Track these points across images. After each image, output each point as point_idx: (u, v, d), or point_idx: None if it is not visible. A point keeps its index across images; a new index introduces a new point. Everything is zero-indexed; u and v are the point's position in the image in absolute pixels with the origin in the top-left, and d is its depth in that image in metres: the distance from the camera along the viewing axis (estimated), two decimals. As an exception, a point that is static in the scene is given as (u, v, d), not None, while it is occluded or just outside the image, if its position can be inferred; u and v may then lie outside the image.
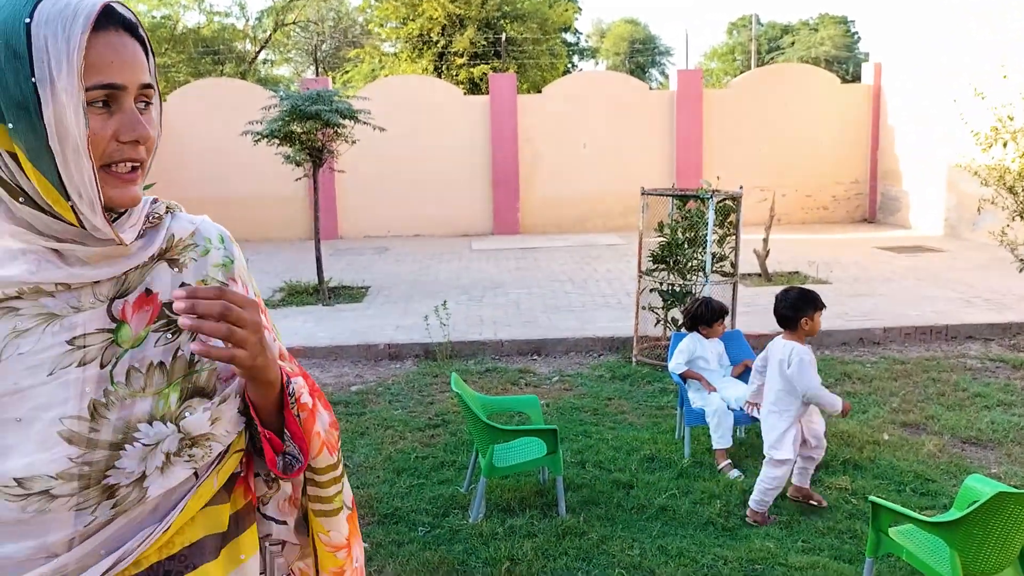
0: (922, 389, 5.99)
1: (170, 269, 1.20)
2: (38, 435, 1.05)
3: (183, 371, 1.16)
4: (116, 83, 1.06)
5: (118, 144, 1.08)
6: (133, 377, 1.12)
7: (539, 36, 24.35)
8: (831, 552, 3.74)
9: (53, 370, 1.07)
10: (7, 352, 1.06)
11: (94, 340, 1.11)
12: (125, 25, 1.08)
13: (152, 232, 1.19)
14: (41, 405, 1.06)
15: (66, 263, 1.09)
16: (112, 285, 1.13)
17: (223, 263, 1.27)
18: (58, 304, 1.09)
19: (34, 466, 1.04)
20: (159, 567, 1.14)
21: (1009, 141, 7.39)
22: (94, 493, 1.08)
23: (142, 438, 1.11)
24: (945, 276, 9.87)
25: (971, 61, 12.27)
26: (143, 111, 1.10)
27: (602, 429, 5.32)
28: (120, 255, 1.13)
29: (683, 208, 6.80)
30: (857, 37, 43.30)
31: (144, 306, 1.16)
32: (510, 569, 3.62)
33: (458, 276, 10.88)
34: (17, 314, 1.07)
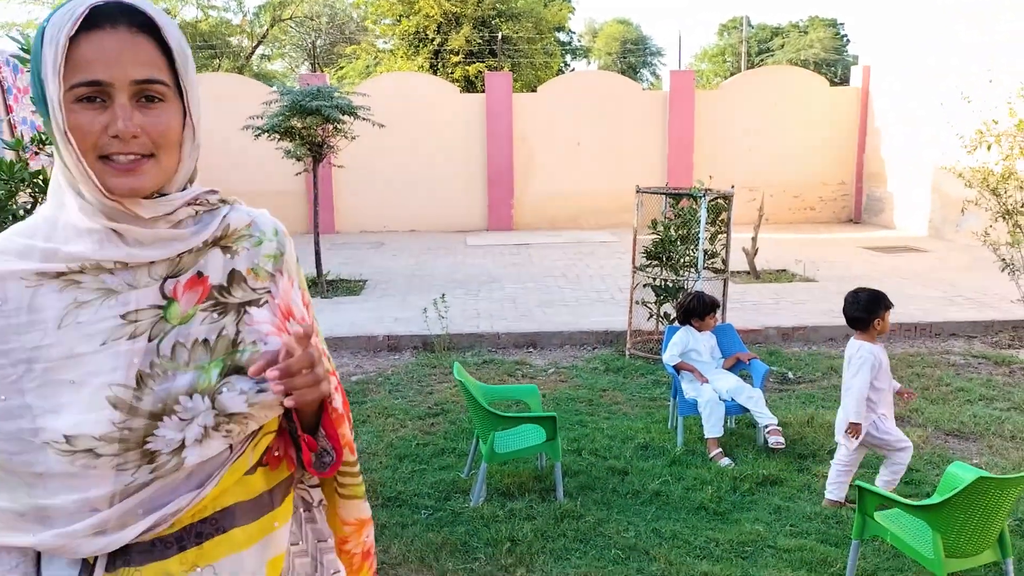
0: (906, 383, 6.17)
1: (223, 255, 1.29)
2: (87, 398, 1.16)
3: (226, 349, 1.25)
4: (98, 80, 1.12)
5: (110, 138, 1.14)
6: (178, 352, 1.21)
7: (534, 35, 24.50)
8: (818, 536, 3.91)
9: (106, 340, 1.18)
10: (67, 320, 1.17)
11: (145, 316, 1.20)
12: (140, 24, 1.15)
13: (207, 219, 1.28)
14: (92, 371, 1.17)
15: (125, 243, 1.19)
16: (166, 266, 1.23)
17: (274, 255, 1.35)
18: (116, 281, 1.20)
19: (81, 426, 1.15)
20: (191, 528, 1.24)
21: (993, 144, 7.59)
22: (134, 456, 1.18)
23: (180, 411, 1.20)
24: (929, 276, 10.08)
25: (959, 63, 12.49)
26: (146, 106, 1.16)
27: (597, 419, 5.48)
28: (171, 238, 1.22)
29: (676, 206, 6.97)
30: (846, 40, 43.64)
31: (194, 287, 1.25)
32: (511, 549, 3.77)
33: (454, 271, 11.03)
34: (79, 287, 1.18)
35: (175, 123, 1.20)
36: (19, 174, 3.06)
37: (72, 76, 1.12)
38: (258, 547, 1.31)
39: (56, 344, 1.17)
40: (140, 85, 1.15)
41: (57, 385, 1.17)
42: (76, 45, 1.12)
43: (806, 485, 4.44)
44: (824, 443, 4.96)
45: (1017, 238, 7.37)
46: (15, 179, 3.05)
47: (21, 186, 3.13)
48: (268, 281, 1.33)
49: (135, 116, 1.15)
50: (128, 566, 1.21)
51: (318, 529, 1.46)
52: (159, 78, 1.17)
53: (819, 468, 4.62)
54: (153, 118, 1.17)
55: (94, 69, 1.12)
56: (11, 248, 1.20)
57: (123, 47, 1.14)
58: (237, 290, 1.29)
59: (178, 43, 1.19)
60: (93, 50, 1.12)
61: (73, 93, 1.13)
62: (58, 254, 1.18)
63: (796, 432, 5.14)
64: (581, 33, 50.39)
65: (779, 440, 4.76)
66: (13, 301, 1.18)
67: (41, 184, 3.23)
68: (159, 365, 1.20)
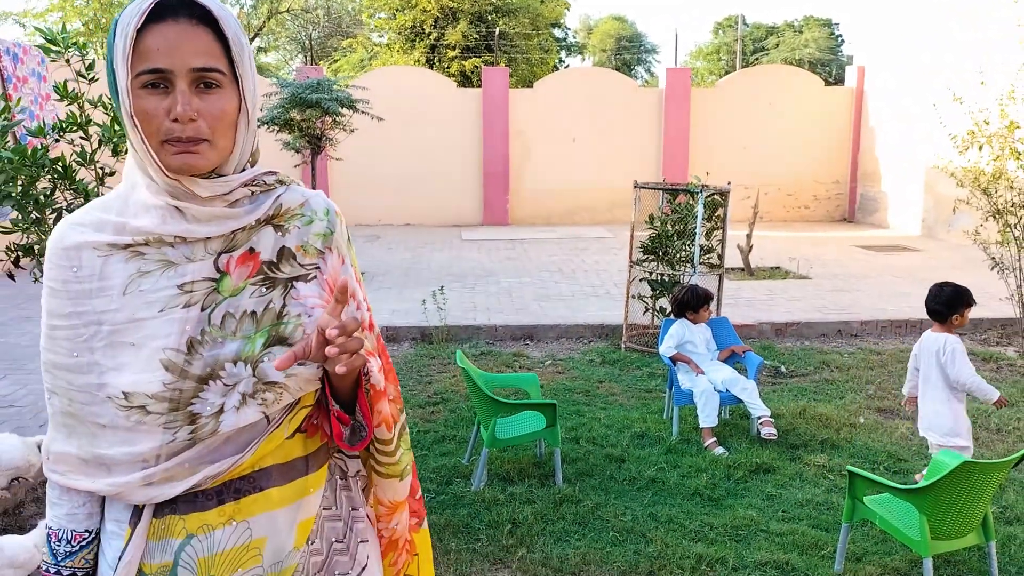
0: (896, 378, 6.30)
1: (274, 233, 1.38)
2: (144, 359, 1.29)
3: (271, 321, 1.34)
4: (160, 67, 1.23)
5: (171, 121, 1.24)
6: (227, 321, 1.32)
7: (530, 31, 24.58)
8: (809, 521, 4.03)
9: (164, 308, 1.30)
10: (131, 288, 1.30)
11: (199, 287, 1.31)
12: (199, 17, 1.25)
13: (263, 199, 1.37)
14: (150, 335, 1.29)
15: (184, 220, 1.30)
16: (221, 242, 1.33)
17: (323, 233, 1.43)
18: (175, 254, 1.31)
19: (137, 384, 1.29)
20: (231, 484, 1.35)
21: (984, 144, 7.71)
22: (180, 416, 1.30)
23: (225, 377, 1.31)
24: (921, 274, 10.22)
25: (953, 63, 12.63)
26: (204, 92, 1.26)
27: (594, 409, 5.60)
28: (225, 216, 1.32)
29: (673, 202, 7.08)
30: (841, 40, 43.84)
31: (246, 262, 1.35)
32: (512, 531, 3.88)
33: (450, 264, 11.12)
34: (143, 258, 1.31)
35: (230, 108, 1.29)
36: (41, 160, 3.15)
37: (138, 64, 1.23)
38: (291, 508, 1.40)
39: (121, 309, 1.30)
40: (198, 73, 1.25)
41: (120, 346, 1.30)
42: (142, 36, 1.23)
43: (798, 473, 4.56)
44: (816, 433, 5.09)
45: (1007, 237, 7.49)
46: (37, 165, 3.14)
47: (42, 172, 3.22)
48: (317, 258, 1.41)
49: (193, 101, 1.25)
50: (174, 514, 1.34)
51: (352, 497, 1.53)
52: (215, 66, 1.26)
53: (810, 457, 4.74)
54: (210, 103, 1.26)
55: (157, 58, 1.23)
56: (87, 221, 1.34)
57: (183, 38, 1.23)
58: (286, 265, 1.38)
59: (235, 34, 1.28)
60: (157, 40, 1.23)
61: (139, 80, 1.24)
62: (127, 227, 1.31)
63: (788, 423, 5.26)
64: (576, 29, 50.52)
65: (771, 431, 4.88)
66: (87, 268, 1.31)
67: (60, 170, 3.31)
68: (209, 333, 1.31)
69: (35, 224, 3.31)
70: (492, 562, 3.65)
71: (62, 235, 1.35)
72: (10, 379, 6.07)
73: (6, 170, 3.07)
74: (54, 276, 1.34)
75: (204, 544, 1.34)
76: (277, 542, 1.38)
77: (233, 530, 1.35)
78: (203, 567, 1.34)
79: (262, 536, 1.37)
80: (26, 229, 3.32)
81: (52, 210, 3.35)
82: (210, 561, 1.34)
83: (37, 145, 3.18)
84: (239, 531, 1.35)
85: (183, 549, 1.34)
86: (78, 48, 3.23)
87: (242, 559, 1.36)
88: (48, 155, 3.22)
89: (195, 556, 1.34)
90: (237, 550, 1.35)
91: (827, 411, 5.47)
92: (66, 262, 1.32)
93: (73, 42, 3.22)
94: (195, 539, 1.34)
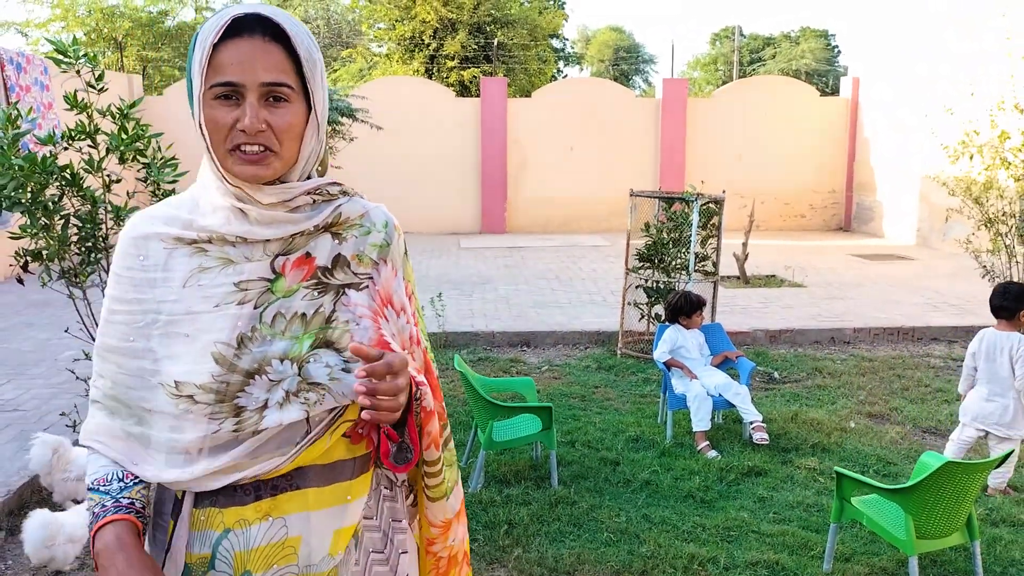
0: (887, 384, 6.40)
1: (331, 240, 1.43)
2: (197, 351, 1.35)
3: (320, 324, 1.38)
4: (232, 81, 1.29)
5: (238, 131, 1.31)
6: (277, 321, 1.37)
7: (528, 42, 24.74)
8: (800, 523, 4.11)
9: (219, 303, 1.36)
10: (191, 282, 1.37)
11: (254, 286, 1.37)
12: (273, 34, 1.32)
13: (324, 207, 1.42)
14: (204, 328, 1.35)
15: (247, 221, 1.37)
16: (280, 244, 1.39)
17: (380, 244, 1.47)
18: (236, 253, 1.38)
19: (188, 374, 1.34)
20: (268, 481, 1.38)
21: (976, 154, 7.83)
22: (225, 409, 1.34)
23: (271, 373, 1.34)
24: (914, 283, 10.33)
25: (947, 74, 12.76)
26: (272, 105, 1.32)
27: (590, 413, 5.68)
28: (285, 221, 1.38)
29: (669, 210, 7.18)
30: (837, 51, 44.08)
31: (301, 265, 1.40)
32: (508, 531, 3.96)
33: (448, 272, 11.22)
34: (205, 255, 1.38)
35: (297, 121, 1.35)
36: (50, 168, 3.24)
37: (212, 76, 1.30)
38: (328, 513, 1.41)
39: (179, 301, 1.37)
40: (267, 87, 1.31)
41: (174, 336, 1.37)
42: (218, 51, 1.30)
43: (789, 476, 4.64)
44: (807, 437, 5.18)
45: (998, 245, 7.60)
46: (46, 172, 3.23)
47: (50, 179, 3.31)
48: (371, 268, 1.46)
49: (261, 113, 1.31)
50: (213, 506, 1.38)
51: (395, 508, 1.54)
52: (285, 81, 1.32)
53: (801, 461, 4.82)
54: (278, 116, 1.33)
55: (230, 71, 1.30)
56: (159, 214, 1.43)
57: (256, 54, 1.30)
58: (339, 272, 1.43)
59: (307, 50, 1.35)
60: (231, 55, 1.30)
61: (212, 91, 1.31)
62: (193, 224, 1.39)
63: (780, 428, 5.35)
64: (574, 40, 50.75)
65: (763, 436, 4.97)
66: (152, 258, 1.39)
67: (68, 178, 3.40)
68: (259, 330, 1.36)
69: (43, 230, 3.40)
70: (488, 562, 3.73)
71: (134, 225, 1.43)
72: (14, 383, 6.15)
73: (16, 177, 3.17)
74: (122, 263, 1.41)
75: (240, 539, 1.38)
76: (312, 544, 1.40)
77: (269, 526, 1.38)
78: (239, 562, 1.38)
79: (297, 535, 1.39)
80: (35, 235, 3.41)
81: (60, 216, 3.44)
82: (245, 556, 1.38)
83: (46, 153, 3.27)
84: (274, 528, 1.38)
85: (220, 543, 1.38)
86: (88, 59, 3.33)
87: (277, 556, 1.39)
88: (57, 163, 3.31)
89: (231, 550, 1.38)
90: (272, 546, 1.38)
91: (818, 416, 5.56)
92: (134, 250, 1.40)
93: (83, 53, 3.32)
94: (232, 533, 1.38)
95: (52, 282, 3.54)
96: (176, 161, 3.67)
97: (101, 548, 1.33)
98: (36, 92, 11.16)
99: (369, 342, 1.42)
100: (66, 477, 4.08)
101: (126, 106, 3.55)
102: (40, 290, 5.65)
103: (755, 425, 5.03)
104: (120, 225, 3.59)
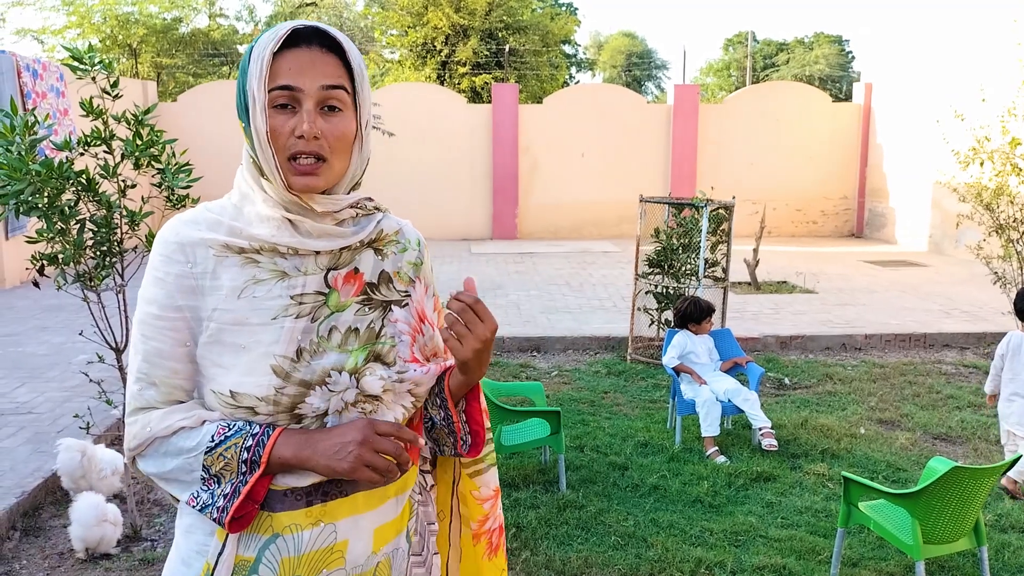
0: (898, 391, 6.39)
1: (375, 256, 1.49)
2: (251, 362, 1.36)
3: (370, 339, 1.44)
4: (290, 85, 1.33)
5: (295, 139, 1.34)
6: (333, 335, 1.41)
7: (540, 48, 24.81)
8: (808, 528, 4.12)
9: (276, 316, 1.38)
10: (246, 293, 1.38)
11: (309, 299, 1.41)
12: (326, 43, 1.37)
13: (365, 222, 1.47)
14: (260, 340, 1.37)
15: (297, 233, 1.39)
16: (329, 258, 1.43)
17: (415, 262, 1.55)
18: (288, 265, 1.40)
19: (244, 385, 1.36)
20: (320, 486, 1.41)
21: (986, 160, 7.81)
22: (284, 419, 1.38)
23: (331, 384, 1.39)
24: (926, 289, 10.30)
25: (959, 78, 12.73)
26: (327, 114, 1.36)
27: (599, 418, 5.70)
28: (335, 234, 1.41)
29: (679, 215, 7.20)
30: (851, 56, 43.95)
31: (351, 280, 1.45)
32: (516, 535, 3.98)
33: (459, 277, 11.24)
34: (257, 266, 1.39)
35: (349, 130, 1.39)
36: (66, 173, 3.29)
37: (272, 83, 1.34)
38: (373, 514, 1.46)
39: (230, 311, 1.38)
40: (326, 92, 1.35)
41: (225, 345, 1.38)
42: (276, 60, 1.34)
43: (798, 482, 4.65)
44: (816, 443, 5.18)
45: (1009, 252, 7.58)
46: (62, 177, 3.28)
47: (67, 184, 3.37)
48: (408, 285, 1.53)
49: (317, 121, 1.35)
50: (263, 509, 1.39)
51: (427, 512, 1.62)
52: (342, 84, 1.37)
53: (811, 466, 4.83)
54: (332, 124, 1.37)
55: (289, 77, 1.34)
56: (202, 219, 1.43)
57: (314, 61, 1.35)
58: (384, 288, 1.49)
59: (358, 63, 1.40)
60: (290, 63, 1.34)
61: (271, 98, 1.34)
62: (242, 233, 1.40)
63: (790, 433, 5.35)
64: (586, 46, 50.79)
65: (772, 443, 4.97)
66: (201, 265, 1.39)
67: (84, 183, 3.46)
68: (316, 343, 1.40)
69: (59, 234, 3.46)
70: (496, 564, 3.75)
71: (175, 230, 1.42)
72: (28, 387, 6.22)
73: (34, 182, 3.22)
74: (166, 269, 1.40)
75: (290, 545, 1.39)
76: (359, 546, 1.44)
77: (320, 531, 1.40)
78: (286, 567, 1.39)
79: (345, 539, 1.42)
80: (51, 239, 3.46)
81: (76, 221, 3.49)
82: (295, 562, 1.39)
83: (63, 158, 3.33)
84: (325, 533, 1.41)
85: (267, 547, 1.39)
86: (104, 66, 3.39)
87: (326, 560, 1.41)
88: (73, 168, 3.36)
89: (278, 556, 1.39)
90: (323, 551, 1.41)
91: (828, 422, 5.56)
92: (181, 256, 1.39)
93: (100, 60, 3.38)
94: (281, 539, 1.39)
95: (67, 285, 3.59)
96: (190, 167, 3.72)
97: (291, 454, 1.35)
98: (52, 98, 11.28)
99: (410, 359, 1.50)
100: (103, 475, 4.21)
101: (141, 112, 3.61)
102: (54, 295, 5.71)
103: (764, 431, 5.03)
104: (135, 230, 3.64)
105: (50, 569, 3.79)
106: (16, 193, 3.18)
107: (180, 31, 21.66)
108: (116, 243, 3.66)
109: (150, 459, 1.42)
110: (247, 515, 1.37)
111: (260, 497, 1.38)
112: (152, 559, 3.82)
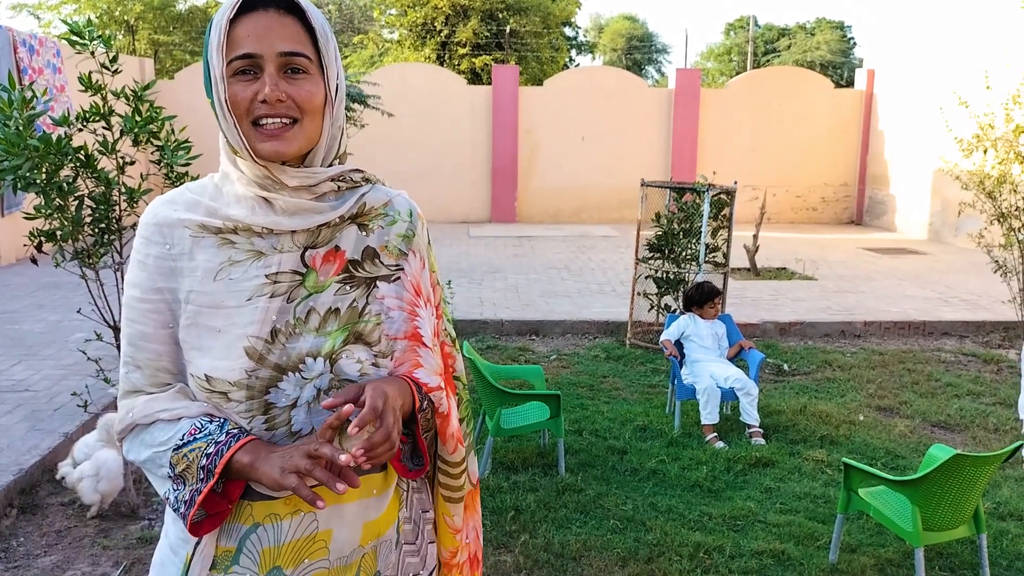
0: (897, 378, 6.38)
1: (358, 232, 1.42)
2: (226, 345, 1.33)
3: (352, 319, 1.38)
4: (250, 52, 1.29)
5: (260, 103, 1.30)
6: (311, 317, 1.36)
7: (541, 29, 24.66)
8: (806, 513, 4.12)
9: (251, 297, 1.34)
10: (221, 275, 1.35)
11: (285, 279, 1.36)
12: (287, 8, 1.31)
13: (348, 196, 1.40)
14: (236, 322, 1.33)
15: (272, 212, 1.35)
16: (306, 236, 1.37)
17: (405, 234, 1.48)
18: (264, 244, 1.36)
19: (218, 370, 1.33)
20: None
21: (989, 148, 7.77)
22: (256, 405, 1.34)
23: (304, 370, 1.34)
24: (926, 277, 10.29)
25: (962, 65, 12.67)
26: (291, 77, 1.31)
27: (598, 403, 5.69)
28: (311, 210, 1.35)
29: (680, 200, 7.16)
30: (853, 42, 43.77)
31: (331, 259, 1.39)
32: (515, 517, 3.98)
33: (457, 260, 11.23)
34: (233, 247, 1.35)
35: (318, 92, 1.34)
36: (65, 149, 3.25)
37: (230, 52, 1.30)
38: (358, 506, 1.41)
39: (206, 293, 1.35)
40: (286, 57, 1.30)
41: (202, 328, 1.35)
42: (234, 27, 1.30)
43: (796, 468, 4.64)
44: (815, 429, 5.17)
45: (1010, 240, 7.55)
46: (61, 153, 3.24)
47: (65, 160, 3.33)
48: (399, 259, 1.46)
49: (280, 84, 1.30)
50: (242, 499, 1.37)
51: (423, 499, 1.56)
52: (302, 51, 1.32)
53: (809, 452, 4.82)
54: (297, 86, 1.31)
55: (247, 44, 1.29)
56: (181, 200, 1.40)
57: (272, 25, 1.30)
58: (369, 265, 1.42)
59: (320, 25, 1.34)
60: (247, 29, 1.30)
61: (231, 67, 1.30)
62: (218, 212, 1.36)
63: (789, 419, 5.35)
64: (587, 28, 50.51)
65: (760, 442, 4.97)
66: (178, 247, 1.36)
67: (83, 159, 3.42)
68: (292, 325, 1.35)
69: (58, 211, 3.42)
70: (495, 547, 3.75)
71: (155, 212, 1.39)
72: (25, 364, 6.20)
73: (32, 158, 3.18)
74: (146, 250, 1.38)
75: (270, 534, 1.37)
76: (343, 537, 1.40)
77: (300, 521, 1.37)
78: (267, 557, 1.37)
79: (328, 528, 1.39)
80: (49, 215, 3.43)
81: (74, 197, 3.46)
82: (275, 552, 1.37)
83: (61, 134, 3.29)
84: (306, 522, 1.38)
85: (248, 537, 1.37)
86: (103, 41, 3.34)
87: (308, 550, 1.38)
88: (71, 144, 3.32)
89: (259, 546, 1.37)
90: (304, 540, 1.38)
91: (827, 408, 5.55)
92: (159, 238, 1.37)
93: (98, 35, 3.33)
94: (261, 528, 1.37)
95: (65, 263, 3.56)
96: (189, 144, 3.68)
97: (248, 462, 1.29)
98: (49, 74, 11.19)
99: (403, 335, 1.43)
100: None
101: (140, 88, 3.56)
102: (51, 272, 5.69)
103: (752, 431, 5.04)
104: (133, 207, 3.61)
105: (47, 547, 3.78)
106: (14, 168, 3.15)
107: (177, 8, 21.49)
108: (114, 220, 3.63)
109: (131, 445, 1.41)
110: (220, 514, 1.35)
111: (235, 497, 1.35)
112: (149, 538, 3.81)
